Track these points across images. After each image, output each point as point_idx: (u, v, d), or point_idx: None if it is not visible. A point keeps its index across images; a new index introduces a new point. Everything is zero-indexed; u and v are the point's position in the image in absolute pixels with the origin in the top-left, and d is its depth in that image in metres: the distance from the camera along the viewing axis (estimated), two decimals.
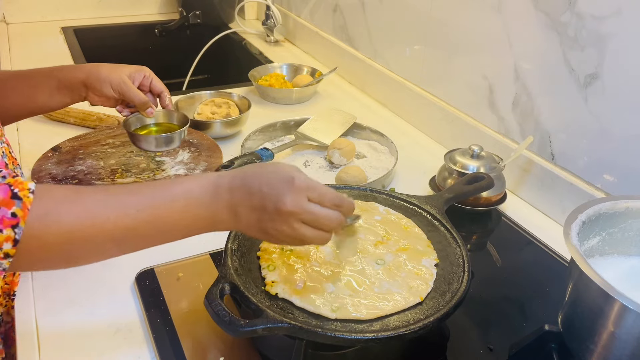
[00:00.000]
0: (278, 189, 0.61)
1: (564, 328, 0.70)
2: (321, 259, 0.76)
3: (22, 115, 0.96)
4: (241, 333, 0.62)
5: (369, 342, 0.65)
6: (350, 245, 0.77)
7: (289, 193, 0.61)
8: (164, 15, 2.18)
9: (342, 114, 1.30)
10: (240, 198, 0.62)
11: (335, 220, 0.64)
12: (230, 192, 0.62)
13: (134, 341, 0.74)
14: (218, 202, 0.62)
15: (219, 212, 0.63)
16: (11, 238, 0.53)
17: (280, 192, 0.61)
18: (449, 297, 0.71)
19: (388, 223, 0.84)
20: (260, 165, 0.66)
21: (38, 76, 0.91)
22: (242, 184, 0.62)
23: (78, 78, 0.90)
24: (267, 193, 0.61)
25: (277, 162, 0.66)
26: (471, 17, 1.16)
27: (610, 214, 0.73)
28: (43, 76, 0.90)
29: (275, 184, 0.62)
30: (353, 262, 0.76)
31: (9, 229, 0.53)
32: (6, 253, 0.53)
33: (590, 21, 0.91)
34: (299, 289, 0.71)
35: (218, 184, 0.63)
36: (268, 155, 1.10)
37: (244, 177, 0.63)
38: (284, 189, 0.61)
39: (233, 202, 0.62)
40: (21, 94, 0.91)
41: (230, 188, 0.63)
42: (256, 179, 0.62)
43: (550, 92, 1.01)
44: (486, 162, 1.03)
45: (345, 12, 1.63)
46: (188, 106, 1.35)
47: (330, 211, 0.63)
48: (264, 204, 0.61)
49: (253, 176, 0.63)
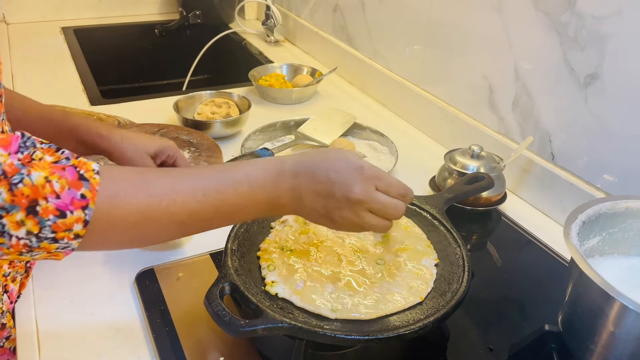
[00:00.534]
0: (347, 177, 0.62)
1: (564, 328, 0.70)
2: (321, 259, 0.76)
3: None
4: (241, 333, 0.62)
5: (369, 342, 0.65)
6: None
7: (358, 182, 0.62)
8: (164, 15, 2.18)
9: (342, 114, 1.30)
10: (306, 183, 0.63)
11: (400, 209, 0.66)
12: (295, 177, 0.63)
13: (134, 341, 0.74)
14: (281, 187, 0.63)
15: (281, 197, 0.63)
16: (82, 219, 0.53)
17: (350, 180, 0.62)
18: (449, 297, 0.71)
19: None
20: (325, 151, 0.67)
21: (63, 128, 0.88)
22: (309, 170, 0.63)
23: (100, 146, 0.87)
24: (335, 180, 0.62)
25: (341, 149, 0.67)
26: (471, 17, 1.16)
27: (610, 214, 0.73)
28: (68, 129, 0.87)
29: (344, 172, 0.63)
30: (353, 261, 0.76)
31: (79, 210, 0.53)
32: (76, 234, 0.54)
33: (590, 21, 0.91)
34: (299, 289, 0.71)
35: (281, 169, 0.64)
36: (268, 156, 1.10)
37: (310, 163, 0.64)
38: (354, 177, 0.63)
39: (297, 187, 0.63)
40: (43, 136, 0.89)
41: (294, 173, 0.63)
42: (323, 165, 0.63)
43: (550, 92, 1.01)
44: (486, 162, 1.03)
45: (345, 12, 1.63)
46: (188, 106, 1.35)
47: (396, 200, 0.65)
48: (331, 191, 0.62)
49: (320, 162, 0.64)
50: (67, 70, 1.63)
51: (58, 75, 1.58)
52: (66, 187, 0.53)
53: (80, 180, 0.54)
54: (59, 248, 0.54)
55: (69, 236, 0.54)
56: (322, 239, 0.80)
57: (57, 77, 1.57)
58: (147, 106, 1.43)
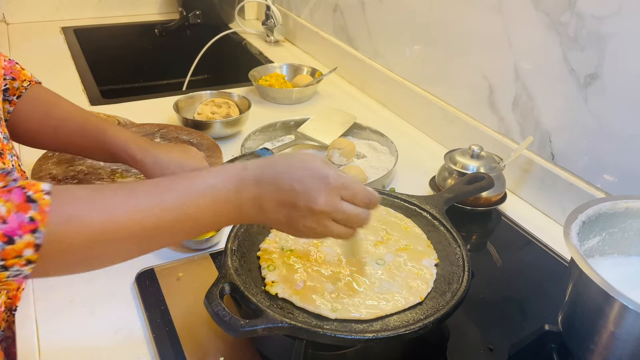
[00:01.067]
0: (311, 188, 0.61)
1: (564, 328, 0.70)
2: (321, 259, 0.76)
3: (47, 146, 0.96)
4: (241, 333, 0.62)
5: (369, 342, 0.65)
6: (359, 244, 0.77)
7: (322, 192, 0.61)
8: (164, 15, 2.18)
9: (342, 114, 1.30)
10: (269, 192, 0.61)
11: (364, 218, 0.64)
12: (258, 185, 0.61)
13: (134, 341, 0.74)
14: (243, 196, 0.61)
15: (244, 206, 0.61)
16: (32, 243, 0.50)
17: (314, 191, 0.61)
18: (449, 297, 0.71)
19: (388, 223, 0.84)
20: (290, 158, 0.65)
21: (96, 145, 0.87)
22: (272, 178, 0.61)
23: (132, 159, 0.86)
24: (299, 191, 0.61)
25: (306, 154, 0.65)
26: (471, 17, 1.16)
27: (610, 214, 0.73)
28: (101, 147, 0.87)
29: (308, 182, 0.61)
30: (359, 261, 0.76)
31: (28, 235, 0.50)
32: (28, 260, 0.51)
33: (590, 21, 0.91)
34: (299, 289, 0.71)
35: (243, 177, 0.62)
36: (268, 156, 1.10)
37: (274, 171, 0.62)
38: (318, 187, 0.61)
39: (260, 196, 0.61)
40: (81, 149, 0.90)
41: (257, 181, 0.61)
42: (287, 175, 0.61)
43: (550, 92, 1.01)
44: (486, 162, 1.03)
45: (345, 12, 1.63)
46: (188, 106, 1.34)
47: (359, 210, 0.64)
48: (295, 202, 0.61)
49: (284, 171, 0.62)
50: (67, 70, 1.63)
51: (58, 75, 1.58)
52: (13, 210, 0.50)
53: (27, 203, 0.51)
54: (10, 276, 0.51)
55: (20, 262, 0.50)
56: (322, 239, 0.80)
57: (57, 77, 1.57)
58: (147, 106, 1.43)
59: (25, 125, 0.88)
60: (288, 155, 0.67)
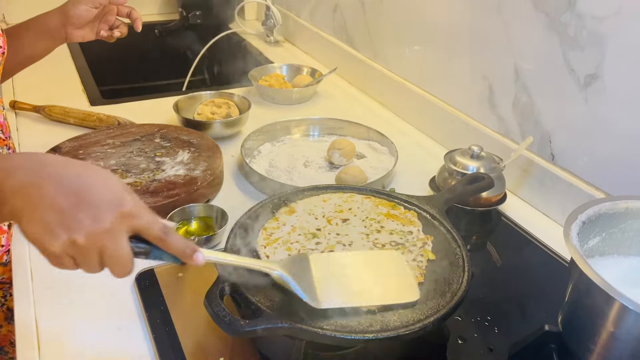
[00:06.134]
0: (100, 204, 0.53)
1: (564, 328, 0.70)
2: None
3: (12, 69, 1.09)
4: (241, 333, 0.62)
5: (369, 342, 0.65)
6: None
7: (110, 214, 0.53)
8: (164, 16, 2.18)
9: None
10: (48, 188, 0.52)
11: (126, 271, 0.57)
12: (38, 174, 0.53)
13: (134, 341, 0.74)
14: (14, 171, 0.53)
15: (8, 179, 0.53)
16: None
17: (102, 209, 0.53)
18: (449, 297, 0.71)
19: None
20: (90, 166, 0.57)
21: (19, 29, 1.01)
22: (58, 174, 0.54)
23: (54, 20, 0.99)
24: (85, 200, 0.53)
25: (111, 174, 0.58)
26: (471, 17, 1.16)
27: (610, 214, 0.73)
28: (22, 29, 1.00)
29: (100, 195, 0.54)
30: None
31: None
32: None
33: (590, 21, 0.91)
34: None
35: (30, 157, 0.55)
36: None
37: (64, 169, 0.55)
38: (107, 208, 0.53)
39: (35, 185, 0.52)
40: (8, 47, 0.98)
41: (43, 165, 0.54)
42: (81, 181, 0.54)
43: (550, 92, 1.01)
44: (486, 162, 1.03)
45: (345, 12, 1.63)
46: (188, 106, 1.35)
47: (130, 259, 0.56)
48: (74, 212, 0.52)
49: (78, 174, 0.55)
50: (67, 70, 1.63)
51: (58, 75, 1.58)
52: None
53: None
54: None
55: None
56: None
57: (57, 77, 1.57)
58: (147, 106, 1.43)
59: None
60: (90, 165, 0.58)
